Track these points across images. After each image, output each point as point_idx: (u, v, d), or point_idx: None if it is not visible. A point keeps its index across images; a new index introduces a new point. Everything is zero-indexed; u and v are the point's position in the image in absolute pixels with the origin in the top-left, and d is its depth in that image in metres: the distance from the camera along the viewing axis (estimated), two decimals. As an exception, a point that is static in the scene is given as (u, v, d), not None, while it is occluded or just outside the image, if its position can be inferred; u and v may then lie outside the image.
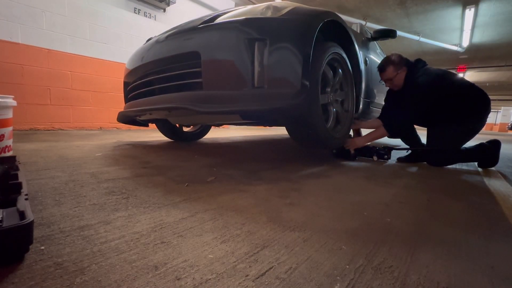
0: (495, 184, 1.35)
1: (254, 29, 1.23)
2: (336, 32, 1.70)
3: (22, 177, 0.78)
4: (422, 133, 2.03)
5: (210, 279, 0.46)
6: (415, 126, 2.06)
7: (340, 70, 1.69)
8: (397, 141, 2.42)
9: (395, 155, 2.02)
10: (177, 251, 0.55)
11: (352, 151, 1.86)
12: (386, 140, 3.62)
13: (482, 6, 5.97)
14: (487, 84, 15.09)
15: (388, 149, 1.90)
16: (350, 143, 1.85)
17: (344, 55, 1.70)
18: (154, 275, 0.46)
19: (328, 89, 1.60)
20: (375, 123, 1.93)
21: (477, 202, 1.03)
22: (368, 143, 1.94)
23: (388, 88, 2.03)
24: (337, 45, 1.62)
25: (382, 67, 1.90)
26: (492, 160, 1.74)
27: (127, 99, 2.02)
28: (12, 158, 1.06)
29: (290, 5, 1.41)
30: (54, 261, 0.49)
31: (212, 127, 3.78)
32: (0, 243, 0.46)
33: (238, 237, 0.62)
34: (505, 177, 1.57)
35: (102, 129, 3.65)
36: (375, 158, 1.90)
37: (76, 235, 0.59)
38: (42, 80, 3.09)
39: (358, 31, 2.45)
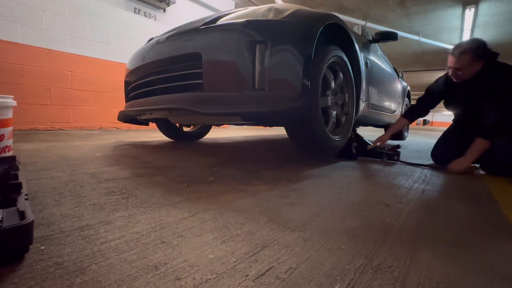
0: (495, 184, 1.35)
1: (255, 31, 1.22)
2: (337, 34, 1.70)
3: (22, 177, 0.78)
4: (417, 132, 2.02)
5: (210, 279, 0.46)
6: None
7: (341, 73, 1.68)
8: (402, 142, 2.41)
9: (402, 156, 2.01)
10: (177, 251, 0.55)
11: (354, 151, 1.86)
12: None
13: (482, 6, 5.97)
14: (487, 84, 15.07)
15: (396, 149, 1.91)
16: (454, 166, 1.58)
17: (345, 58, 1.69)
18: (154, 275, 0.46)
19: (329, 92, 1.59)
20: (398, 125, 2.03)
21: (477, 202, 1.03)
22: (378, 144, 1.94)
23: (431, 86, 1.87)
24: (338, 48, 1.62)
25: (456, 53, 1.57)
26: None
27: (128, 99, 2.02)
28: (12, 158, 1.06)
29: (292, 7, 1.41)
30: (54, 261, 0.49)
31: (212, 127, 3.78)
32: (0, 243, 0.46)
33: (238, 237, 0.62)
34: (505, 176, 1.57)
35: (102, 129, 3.65)
36: (384, 159, 1.89)
37: (76, 235, 0.59)
38: (42, 80, 3.09)
39: (360, 33, 2.45)
